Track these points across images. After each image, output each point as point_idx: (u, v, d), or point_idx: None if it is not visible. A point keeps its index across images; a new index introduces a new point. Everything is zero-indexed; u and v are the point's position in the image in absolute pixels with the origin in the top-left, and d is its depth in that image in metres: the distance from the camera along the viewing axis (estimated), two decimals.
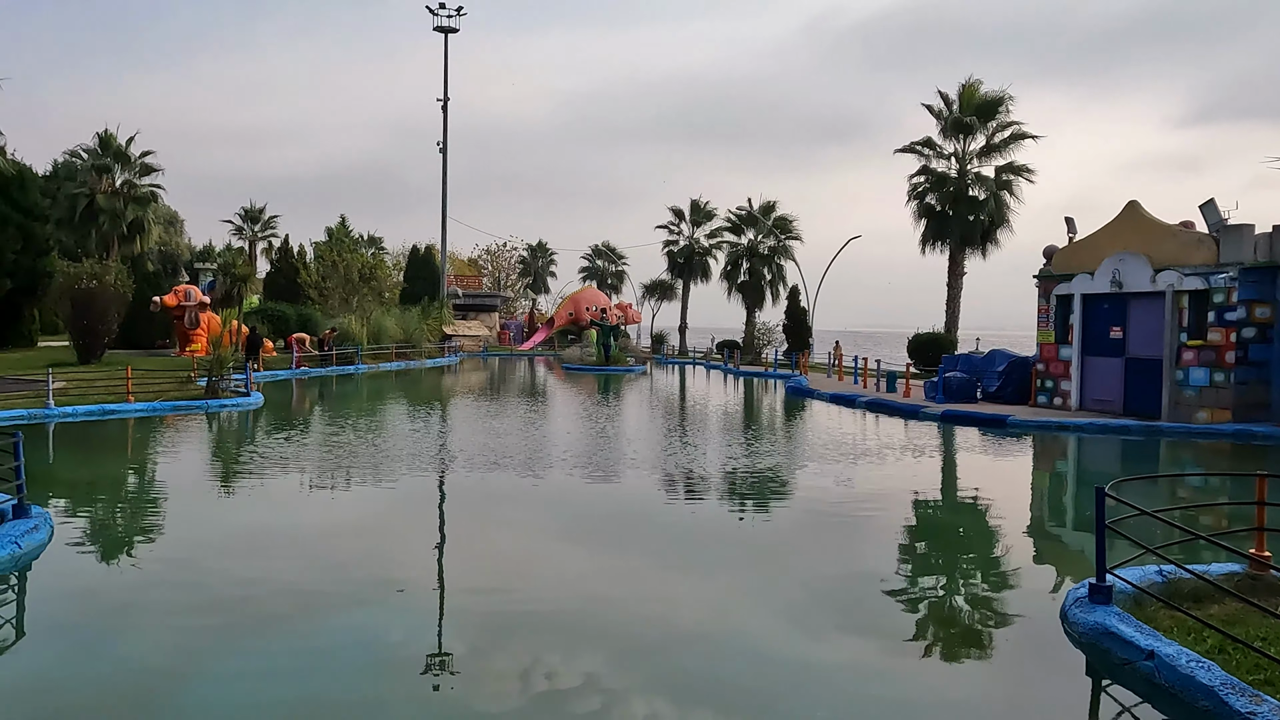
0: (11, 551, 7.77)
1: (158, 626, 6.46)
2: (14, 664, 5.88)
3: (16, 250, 33.80)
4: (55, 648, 6.14)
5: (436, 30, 55.66)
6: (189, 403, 20.28)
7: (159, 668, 5.67)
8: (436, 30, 55.66)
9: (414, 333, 42.70)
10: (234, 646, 6.04)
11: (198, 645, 6.05)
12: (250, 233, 65.91)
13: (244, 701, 5.17)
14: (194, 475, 12.95)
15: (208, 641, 6.12)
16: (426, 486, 12.03)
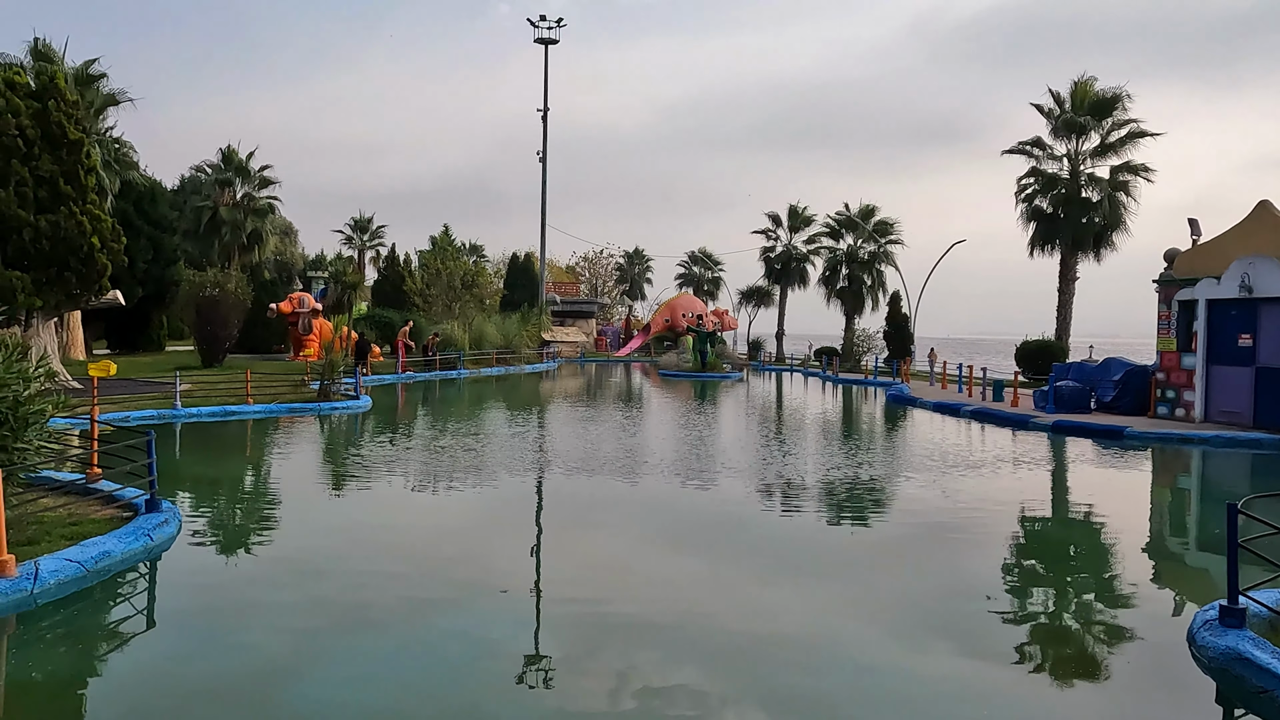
0: (144, 544, 8.26)
1: (274, 621, 6.75)
2: (144, 652, 6.24)
3: (147, 260, 35.98)
4: (182, 637, 6.49)
5: (537, 42, 56.76)
6: (303, 405, 21.17)
7: (275, 661, 5.93)
8: (537, 42, 56.76)
9: (514, 338, 43.56)
10: (343, 643, 6.27)
11: (310, 640, 6.30)
12: (359, 242, 68.44)
13: (350, 698, 5.36)
14: (307, 475, 13.51)
15: (319, 637, 6.37)
16: (526, 490, 12.23)
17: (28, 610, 6.77)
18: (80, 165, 19.17)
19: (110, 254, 19.57)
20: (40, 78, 20.92)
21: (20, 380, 8.51)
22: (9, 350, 8.67)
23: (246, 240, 49.52)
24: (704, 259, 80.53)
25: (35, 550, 7.63)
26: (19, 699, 5.46)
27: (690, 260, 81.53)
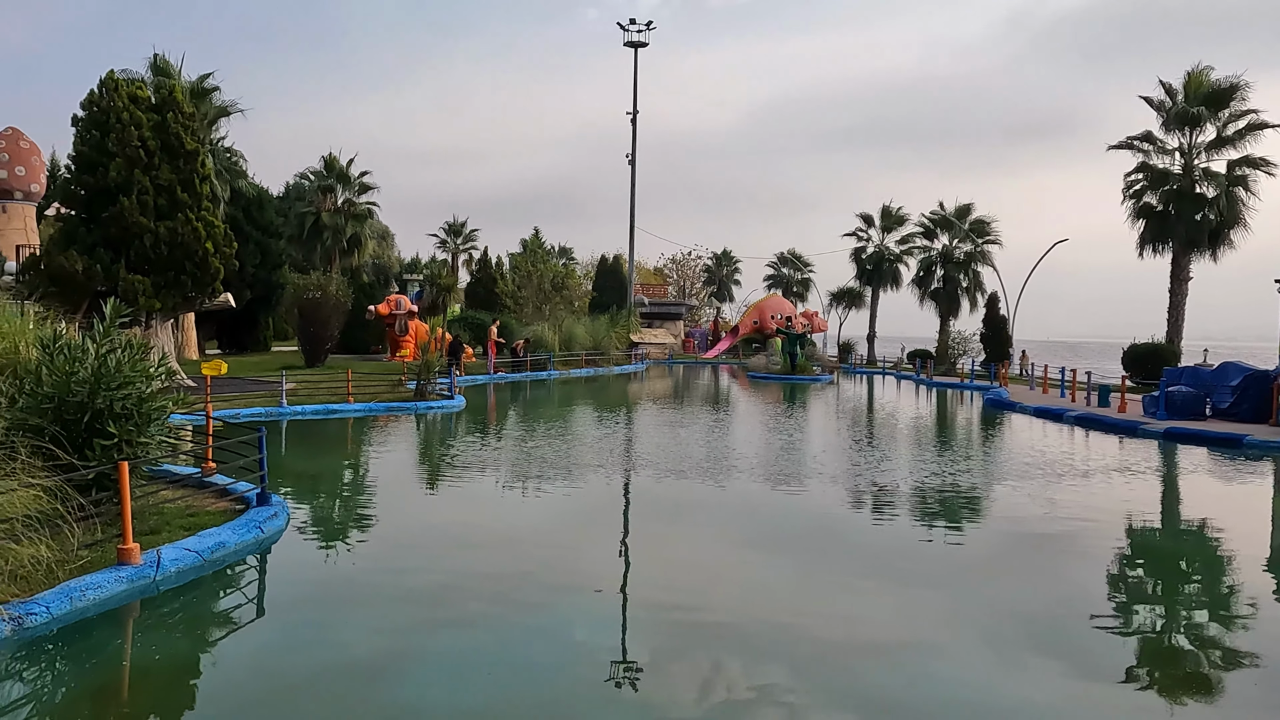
0: (255, 536, 8.65)
1: (374, 615, 6.97)
2: (254, 640, 6.54)
3: (255, 264, 37.58)
4: (288, 628, 6.78)
5: (627, 45, 57.14)
6: (400, 404, 21.81)
7: (374, 655, 6.12)
8: (627, 45, 57.14)
9: (602, 340, 43.95)
10: (437, 640, 6.45)
11: (406, 636, 6.50)
12: (453, 245, 70.09)
13: (444, 696, 5.51)
14: (405, 473, 13.92)
15: (415, 633, 6.55)
16: (615, 491, 12.33)
17: (150, 596, 7.17)
18: (196, 174, 20.18)
19: (223, 258, 20.53)
20: (160, 91, 22.10)
21: (143, 378, 9.02)
22: (133, 350, 9.19)
23: (346, 244, 51.23)
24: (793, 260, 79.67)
25: (157, 539, 8.07)
26: (143, 680, 5.79)
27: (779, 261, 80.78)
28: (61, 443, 8.27)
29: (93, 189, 19.67)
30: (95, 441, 8.57)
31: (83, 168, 19.85)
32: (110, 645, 6.41)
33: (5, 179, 39.28)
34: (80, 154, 19.91)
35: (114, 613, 6.79)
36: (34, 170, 40.37)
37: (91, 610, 6.68)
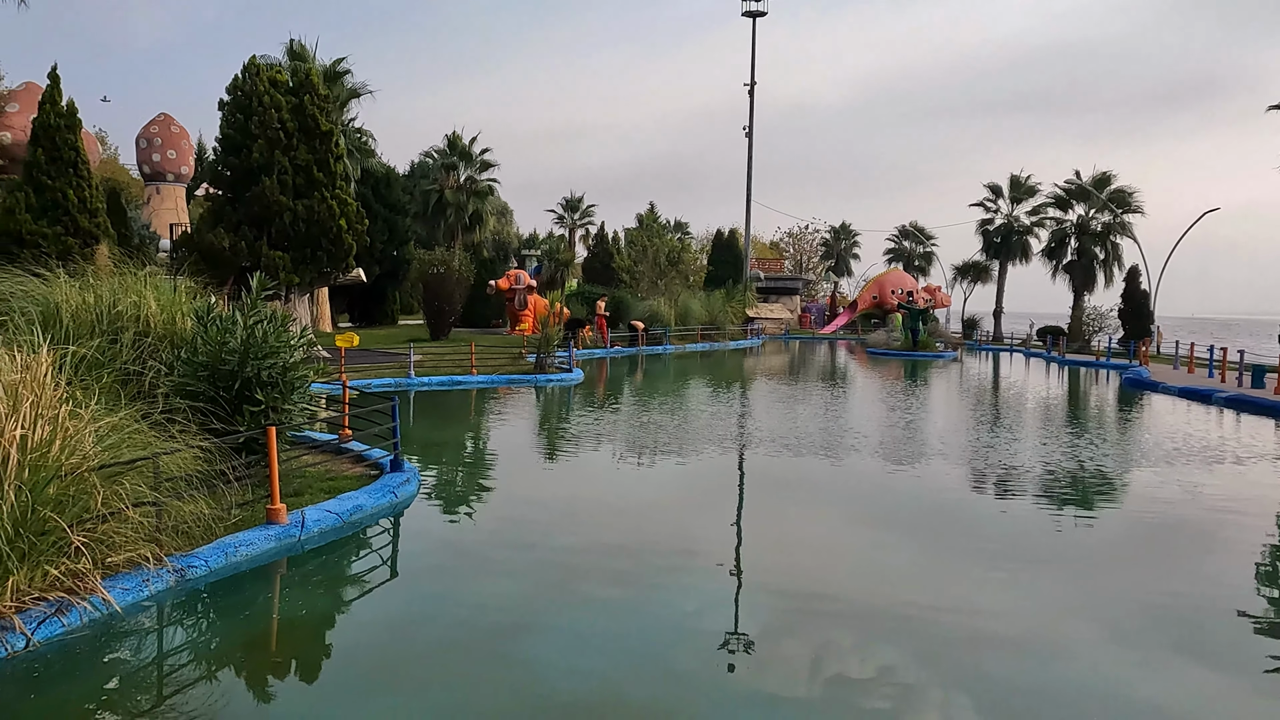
0: (390, 500, 9.03)
1: (498, 580, 7.21)
2: (388, 599, 6.85)
3: (383, 241, 39.02)
4: (420, 588, 7.07)
5: (745, 15, 56.27)
6: (521, 377, 22.32)
7: (499, 618, 6.32)
8: (745, 15, 56.27)
9: (718, 315, 43.77)
10: (558, 607, 6.60)
11: (529, 600, 6.68)
12: (570, 221, 71.03)
13: (564, 660, 5.64)
14: (527, 443, 14.26)
15: (537, 598, 6.73)
16: (730, 466, 12.29)
17: (295, 555, 7.60)
18: (330, 154, 21.08)
19: (355, 235, 21.42)
20: (296, 75, 23.12)
21: (287, 348, 9.51)
22: (277, 322, 9.69)
23: (468, 221, 52.54)
24: (915, 233, 77.23)
25: (300, 501, 8.53)
26: (289, 632, 6.15)
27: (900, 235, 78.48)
28: (214, 409, 8.82)
29: (237, 170, 20.80)
30: (244, 408, 9.10)
31: (228, 149, 21.02)
32: (260, 599, 6.83)
33: (158, 162, 41.97)
34: (226, 136, 21.08)
35: (263, 568, 7.23)
36: (184, 154, 42.99)
37: (244, 565, 7.13)
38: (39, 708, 4.83)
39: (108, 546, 6.19)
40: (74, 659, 5.39)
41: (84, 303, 10.41)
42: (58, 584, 5.78)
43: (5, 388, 5.61)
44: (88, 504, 6.05)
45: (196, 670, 5.51)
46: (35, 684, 5.05)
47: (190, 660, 5.69)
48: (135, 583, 6.22)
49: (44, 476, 5.58)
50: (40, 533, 5.60)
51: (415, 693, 5.13)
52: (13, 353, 5.94)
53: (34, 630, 5.41)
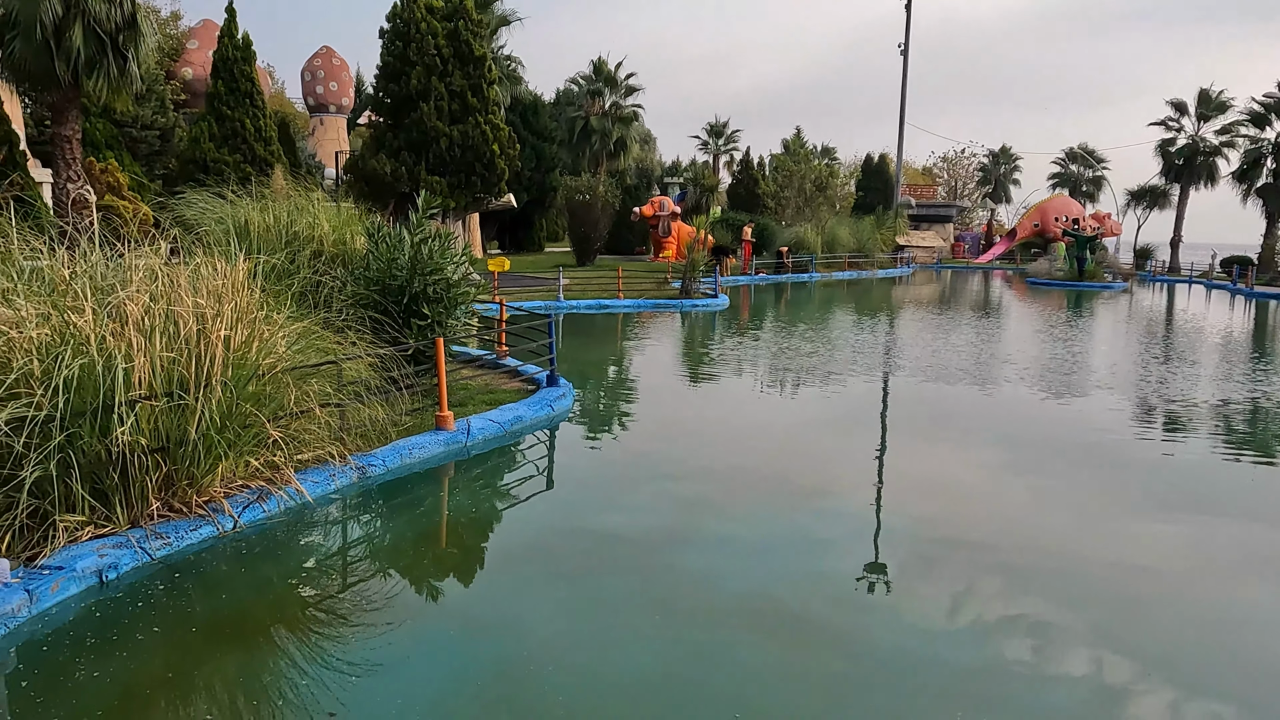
0: (547, 413, 9.36)
1: (647, 493, 7.41)
2: (545, 503, 7.14)
3: (531, 168, 39.68)
4: (573, 495, 7.34)
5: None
6: (666, 302, 22.46)
7: (648, 528, 6.51)
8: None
9: (866, 242, 42.44)
10: (703, 523, 6.71)
11: (672, 515, 6.83)
12: (714, 147, 69.95)
13: (710, 567, 5.74)
14: (672, 366, 14.40)
15: (681, 514, 6.88)
16: (874, 394, 12.02)
17: (462, 459, 8.02)
18: (484, 79, 21.46)
19: (507, 160, 21.86)
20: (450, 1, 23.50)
21: (451, 265, 9.88)
22: (442, 240, 10.07)
23: (613, 147, 52.62)
24: (1084, 156, 71.95)
25: (464, 411, 8.96)
26: (456, 529, 6.53)
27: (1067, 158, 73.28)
28: (384, 322, 9.31)
29: (397, 96, 21.50)
30: (412, 321, 9.56)
31: (388, 77, 21.73)
32: (431, 497, 7.26)
33: (321, 94, 43.96)
34: (386, 64, 21.78)
35: (433, 470, 7.67)
36: (344, 85, 44.82)
37: (416, 467, 7.59)
38: (247, 581, 5.34)
39: (299, 443, 6.70)
40: (273, 541, 5.92)
41: (265, 222, 11.11)
42: (258, 474, 6.32)
43: (211, 293, 6.09)
44: (281, 402, 6.55)
45: (376, 558, 5.95)
46: (242, 561, 5.58)
47: (371, 549, 6.14)
48: (323, 477, 6.73)
49: (244, 374, 6.07)
50: (243, 426, 6.12)
51: (575, 586, 5.37)
52: (215, 262, 6.42)
53: (240, 514, 5.96)
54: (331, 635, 4.65)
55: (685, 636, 4.72)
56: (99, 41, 17.41)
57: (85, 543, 5.24)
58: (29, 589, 4.66)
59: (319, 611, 4.99)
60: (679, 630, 4.78)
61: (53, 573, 4.85)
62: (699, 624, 4.88)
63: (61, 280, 5.76)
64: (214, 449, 5.89)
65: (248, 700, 4.03)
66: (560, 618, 4.91)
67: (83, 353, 5.27)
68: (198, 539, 5.69)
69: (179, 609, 4.89)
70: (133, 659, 4.34)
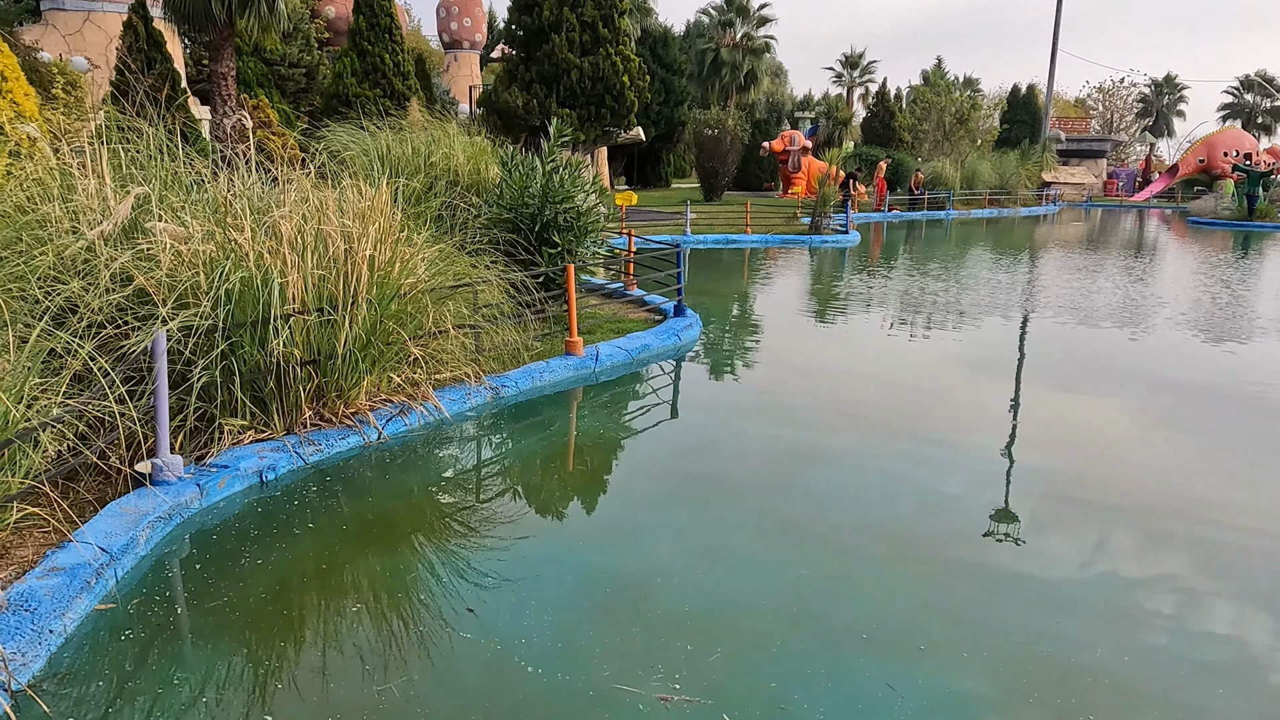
0: (674, 342, 9.40)
1: (766, 426, 7.36)
2: (671, 431, 7.19)
3: (659, 102, 39.30)
4: (697, 423, 7.36)
5: None
6: (795, 237, 22.04)
7: (771, 460, 6.47)
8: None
9: (1010, 179, 40.26)
10: (815, 459, 6.62)
11: (804, 446, 6.76)
12: (849, 79, 67.39)
13: (845, 492, 5.66)
14: (800, 301, 14.16)
15: (812, 444, 6.81)
16: (1010, 337, 11.45)
17: (590, 384, 8.17)
18: (615, 9, 21.26)
19: (637, 92, 21.70)
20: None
21: (581, 194, 9.95)
22: (572, 169, 10.13)
23: (743, 80, 51.52)
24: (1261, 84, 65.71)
25: (592, 339, 9.10)
26: (584, 451, 6.67)
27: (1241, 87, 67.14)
28: (516, 249, 9.50)
29: (529, 29, 21.58)
30: (543, 249, 9.72)
31: (521, 9, 21.81)
32: (561, 419, 7.45)
33: (455, 30, 44.55)
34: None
35: (562, 394, 7.86)
36: (478, 21, 45.26)
37: (546, 390, 7.78)
38: (389, 489, 5.64)
39: (437, 362, 6.97)
40: (413, 453, 6.21)
41: (403, 152, 11.45)
42: (399, 389, 6.63)
43: (356, 214, 6.35)
44: (421, 322, 6.81)
45: (508, 474, 6.16)
46: (385, 469, 5.89)
47: (504, 465, 6.36)
48: (459, 395, 7.00)
49: (387, 293, 6.32)
50: (386, 343, 6.40)
51: (699, 510, 5.42)
52: (360, 185, 6.67)
53: (384, 425, 6.27)
54: (467, 543, 4.87)
55: (808, 561, 4.72)
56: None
57: (247, 445, 5.65)
58: (199, 484, 5.06)
59: (455, 521, 5.23)
60: (802, 555, 4.79)
61: (219, 471, 5.25)
62: (821, 550, 4.86)
63: (223, 201, 6.11)
64: (359, 364, 6.20)
65: (392, 595, 4.29)
66: (684, 539, 4.98)
67: (242, 267, 5.61)
68: (345, 447, 6.03)
69: (329, 510, 5.22)
70: (290, 551, 4.67)
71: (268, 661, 3.71)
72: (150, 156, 6.41)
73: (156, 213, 5.56)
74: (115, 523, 4.47)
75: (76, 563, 4.04)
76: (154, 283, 5.35)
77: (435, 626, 3.96)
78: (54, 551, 4.15)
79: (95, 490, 4.97)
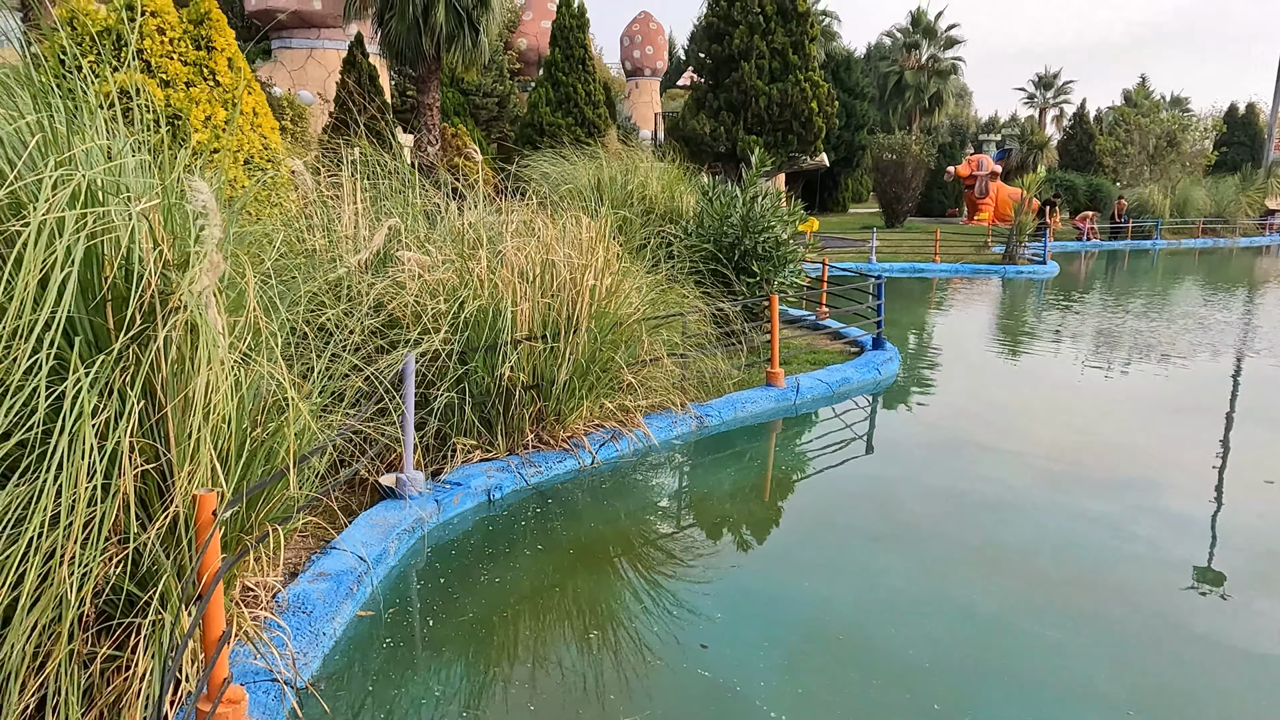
0: (874, 376, 9.17)
1: (972, 460, 7.03)
2: (874, 466, 7.01)
3: (840, 126, 38.77)
4: (902, 458, 7.14)
5: None
6: (987, 267, 21.09)
7: (971, 502, 6.16)
8: None
9: (1227, 206, 37.01)
10: (1025, 497, 6.23)
11: (1002, 486, 6.39)
12: (1041, 100, 64.18)
13: (1036, 539, 5.30)
14: (998, 335, 13.50)
15: (1008, 486, 6.43)
16: (1221, 382, 10.39)
17: (790, 416, 8.10)
18: (806, 35, 21.18)
19: (825, 118, 21.49)
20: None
21: (781, 223, 9.92)
22: (773, 197, 10.12)
23: (927, 103, 50.04)
24: None
25: (788, 369, 9.01)
26: (788, 485, 6.59)
27: None
28: (714, 278, 9.57)
29: (718, 57, 21.83)
30: (741, 278, 9.74)
31: (711, 37, 22.10)
32: (761, 451, 7.40)
33: (638, 58, 45.70)
34: (710, 24, 22.15)
35: (763, 425, 7.81)
36: (659, 50, 46.26)
37: (747, 420, 7.77)
38: (604, 512, 5.77)
39: (647, 389, 7.10)
40: (625, 479, 6.34)
41: (601, 181, 11.80)
42: (611, 415, 6.79)
43: (576, 244, 6.58)
44: (634, 350, 6.96)
45: (711, 504, 6.17)
46: (601, 494, 6.04)
47: (714, 495, 6.37)
48: (665, 423, 7.09)
49: (606, 322, 6.50)
50: (603, 370, 6.58)
51: (908, 550, 5.24)
52: (580, 216, 6.91)
53: (597, 450, 6.44)
54: (688, 574, 4.91)
55: (1012, 603, 4.45)
56: (457, 17, 19.32)
57: (476, 464, 5.94)
58: (437, 500, 5.36)
59: (674, 550, 5.28)
60: (1007, 606, 4.54)
61: (453, 488, 5.54)
62: (1024, 594, 4.61)
63: (458, 231, 6.49)
64: (578, 389, 6.40)
65: (623, 625, 4.37)
66: (891, 581, 4.85)
67: (479, 296, 5.92)
68: (562, 470, 6.23)
69: (551, 530, 5.40)
70: (523, 571, 4.86)
71: (511, 680, 3.86)
72: (395, 189, 6.90)
73: (405, 242, 5.97)
74: (369, 533, 4.80)
75: (341, 569, 4.35)
76: (401, 308, 5.74)
77: (672, 660, 4.00)
78: (318, 557, 4.49)
79: (340, 499, 5.36)
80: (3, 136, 3.04)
